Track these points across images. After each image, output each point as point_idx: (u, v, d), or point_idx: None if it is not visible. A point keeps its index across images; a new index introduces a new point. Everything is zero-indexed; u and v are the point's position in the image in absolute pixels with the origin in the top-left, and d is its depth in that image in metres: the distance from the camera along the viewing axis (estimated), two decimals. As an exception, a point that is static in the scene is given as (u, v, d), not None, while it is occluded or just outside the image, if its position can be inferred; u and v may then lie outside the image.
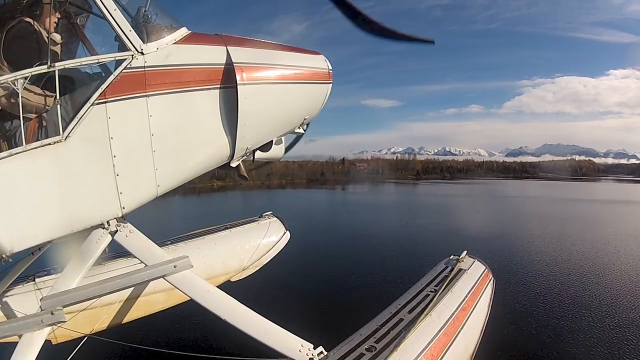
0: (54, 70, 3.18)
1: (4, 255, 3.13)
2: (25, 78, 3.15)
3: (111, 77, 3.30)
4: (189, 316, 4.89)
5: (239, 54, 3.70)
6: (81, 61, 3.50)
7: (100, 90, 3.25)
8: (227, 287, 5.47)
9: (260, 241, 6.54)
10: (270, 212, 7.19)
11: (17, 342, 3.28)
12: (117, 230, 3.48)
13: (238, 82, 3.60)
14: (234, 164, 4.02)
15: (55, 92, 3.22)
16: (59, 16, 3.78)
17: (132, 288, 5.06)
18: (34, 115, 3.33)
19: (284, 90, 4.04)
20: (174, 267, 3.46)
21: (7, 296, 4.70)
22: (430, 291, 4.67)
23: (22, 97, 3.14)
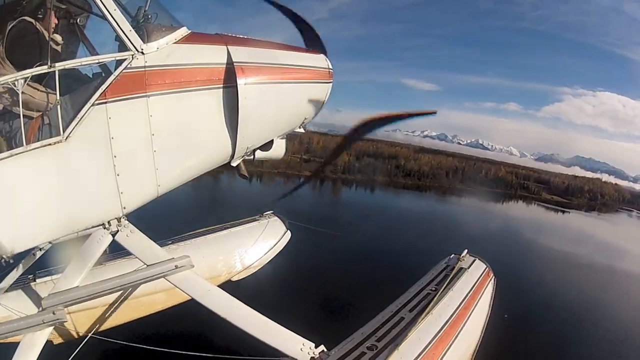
0: (54, 71, 3.17)
1: (4, 256, 3.13)
2: (26, 78, 3.14)
3: (111, 77, 3.29)
4: (190, 316, 4.87)
5: (240, 54, 3.69)
6: (81, 61, 3.49)
7: (100, 91, 3.24)
8: (228, 286, 5.48)
9: (260, 240, 6.55)
10: (271, 212, 7.17)
11: (19, 342, 3.28)
12: (117, 231, 3.48)
13: (239, 81, 3.59)
14: (234, 163, 4.02)
15: (56, 92, 3.22)
16: (60, 16, 3.78)
17: (133, 288, 5.06)
18: (36, 114, 3.33)
19: (285, 90, 4.03)
20: (175, 266, 3.47)
21: (8, 296, 4.70)
22: (431, 290, 4.68)
23: (24, 95, 3.13)
